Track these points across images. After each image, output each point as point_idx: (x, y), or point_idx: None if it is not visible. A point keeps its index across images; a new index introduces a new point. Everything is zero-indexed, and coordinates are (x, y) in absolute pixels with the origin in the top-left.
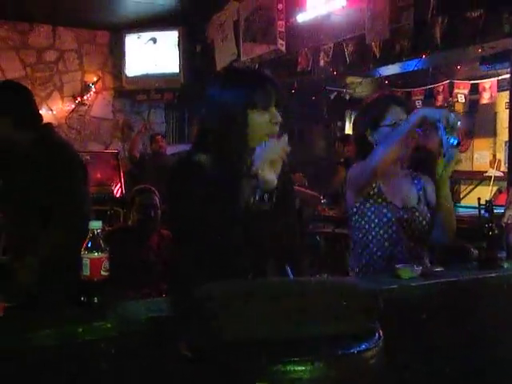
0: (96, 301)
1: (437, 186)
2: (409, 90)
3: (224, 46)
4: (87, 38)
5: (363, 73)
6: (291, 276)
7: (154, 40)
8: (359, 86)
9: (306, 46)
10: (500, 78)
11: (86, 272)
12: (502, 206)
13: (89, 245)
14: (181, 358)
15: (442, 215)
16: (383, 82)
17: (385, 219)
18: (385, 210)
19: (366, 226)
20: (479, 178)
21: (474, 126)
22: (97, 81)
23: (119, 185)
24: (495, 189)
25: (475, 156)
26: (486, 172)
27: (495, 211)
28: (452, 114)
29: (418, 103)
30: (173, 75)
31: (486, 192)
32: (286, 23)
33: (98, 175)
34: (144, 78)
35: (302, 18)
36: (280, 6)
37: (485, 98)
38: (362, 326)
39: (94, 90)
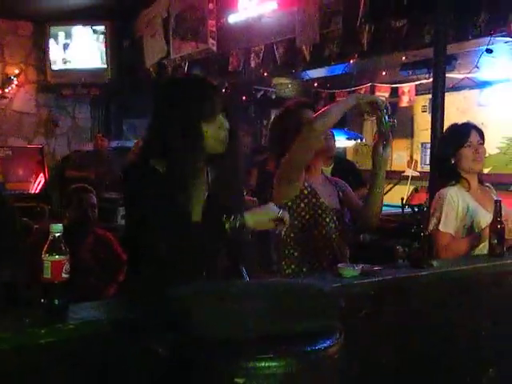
0: (57, 303)
1: (378, 167)
2: (332, 91)
3: (153, 42)
4: (8, 28)
5: (292, 75)
6: (245, 275)
7: (80, 34)
8: (287, 87)
9: (237, 46)
10: (418, 82)
11: (47, 274)
12: (417, 205)
13: (50, 247)
14: (152, 357)
15: (372, 200)
16: (311, 83)
17: (320, 219)
18: (320, 211)
19: (299, 226)
20: (397, 177)
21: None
22: (19, 73)
23: (41, 181)
24: (412, 188)
25: (394, 156)
26: (404, 172)
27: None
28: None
29: None
30: (100, 70)
31: (403, 191)
32: (217, 23)
33: (21, 171)
34: (70, 72)
35: (233, 18)
36: (211, 6)
37: (404, 101)
38: (325, 324)
39: (15, 82)
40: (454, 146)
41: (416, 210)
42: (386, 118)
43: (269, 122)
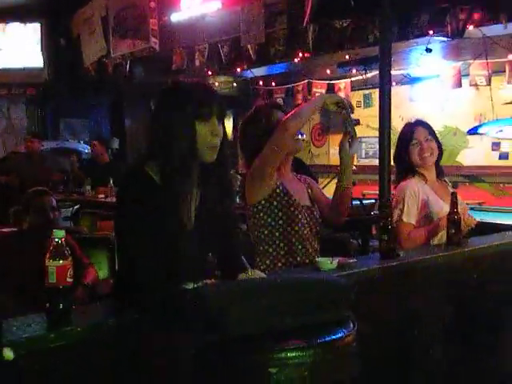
0: (62, 307)
1: (345, 164)
2: (271, 88)
3: (92, 40)
4: None
5: (237, 73)
6: (248, 266)
7: (15, 32)
8: (229, 85)
9: (181, 45)
10: (353, 79)
11: (53, 280)
12: (358, 198)
13: (53, 253)
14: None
15: (341, 196)
16: (254, 81)
17: (292, 216)
18: (292, 208)
19: (273, 223)
20: (336, 171)
21: (329, 123)
22: None
23: None
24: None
25: (331, 151)
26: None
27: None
28: None
29: (280, 100)
30: (36, 69)
31: None
32: (160, 22)
33: None
34: (4, 72)
35: (176, 17)
36: (152, 4)
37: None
38: (343, 315)
39: None
40: (403, 144)
41: (365, 203)
42: (351, 116)
43: None
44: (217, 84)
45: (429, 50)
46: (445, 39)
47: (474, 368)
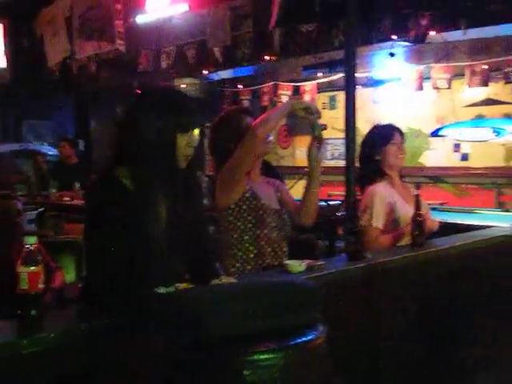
0: (33, 313)
1: (313, 168)
2: (237, 90)
3: (55, 41)
4: None
5: (204, 75)
6: (221, 273)
7: None
8: (195, 87)
9: (147, 47)
10: (319, 81)
11: (24, 286)
12: (324, 199)
13: (25, 259)
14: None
15: (309, 199)
16: (220, 83)
17: (261, 219)
18: (261, 212)
19: (242, 227)
20: (301, 172)
21: (295, 125)
22: None
23: None
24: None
25: (296, 152)
26: (306, 167)
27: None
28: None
29: (246, 102)
30: None
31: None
32: (125, 23)
33: None
34: None
35: (142, 19)
36: (118, 6)
37: (305, 99)
38: (313, 317)
39: None
40: (379, 144)
41: (330, 203)
42: (318, 121)
43: None
44: (183, 86)
45: (392, 55)
46: (407, 44)
47: (438, 365)
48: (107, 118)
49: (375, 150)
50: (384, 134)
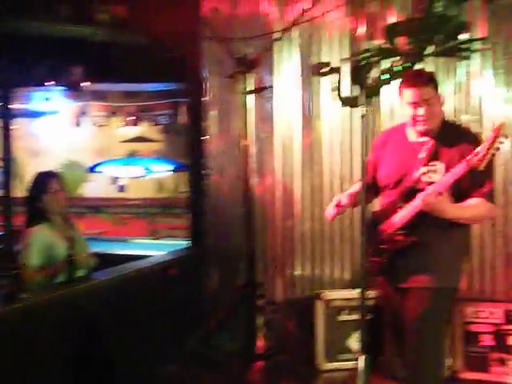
0: None
1: None
2: None
3: None
4: None
5: None
6: None
7: None
8: None
9: None
10: None
11: None
12: None
13: None
14: None
15: None
16: None
17: None
18: None
19: None
20: None
21: None
22: None
23: None
24: None
25: None
26: None
27: None
28: None
29: None
30: None
31: None
32: None
33: None
34: None
35: None
36: None
37: None
38: None
39: None
40: (39, 192)
41: None
42: None
43: None
44: None
45: (47, 99)
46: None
47: None
48: None
49: (37, 197)
50: (42, 183)
